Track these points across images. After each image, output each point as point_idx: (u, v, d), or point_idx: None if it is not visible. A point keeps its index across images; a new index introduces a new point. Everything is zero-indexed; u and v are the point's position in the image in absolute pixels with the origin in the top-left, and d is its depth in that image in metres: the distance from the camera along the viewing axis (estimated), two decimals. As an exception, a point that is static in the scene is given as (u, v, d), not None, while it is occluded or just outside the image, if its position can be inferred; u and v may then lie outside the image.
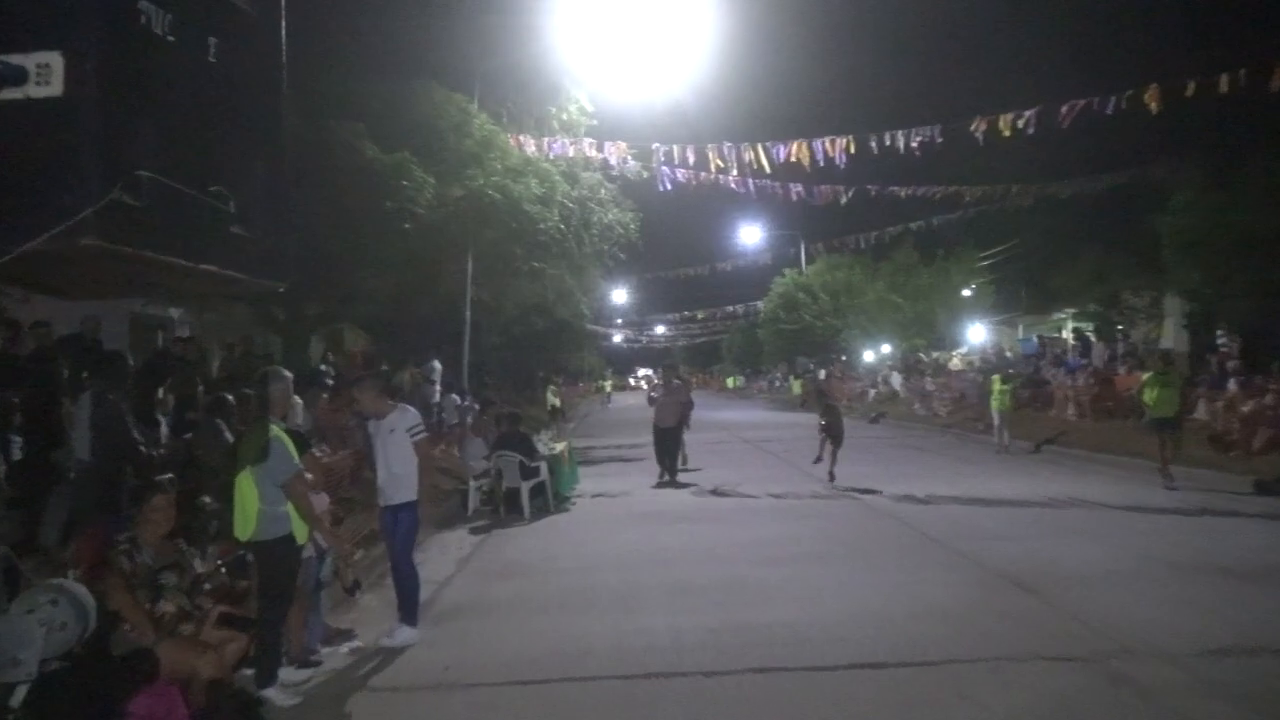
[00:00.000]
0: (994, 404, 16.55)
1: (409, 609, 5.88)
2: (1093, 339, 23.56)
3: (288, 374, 5.25)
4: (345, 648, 5.67)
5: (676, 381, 14.48)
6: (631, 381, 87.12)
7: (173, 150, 3.76)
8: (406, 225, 13.41)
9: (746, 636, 5.59)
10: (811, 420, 12.55)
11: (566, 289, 20.66)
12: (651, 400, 14.01)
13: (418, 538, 6.19)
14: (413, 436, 5.83)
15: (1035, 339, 27.49)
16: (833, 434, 12.44)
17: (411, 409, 6.10)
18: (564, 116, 18.13)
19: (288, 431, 5.03)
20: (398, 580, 5.97)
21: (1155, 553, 7.57)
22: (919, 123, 16.10)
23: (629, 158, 17.50)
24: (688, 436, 14.43)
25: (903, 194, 22.00)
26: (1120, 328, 24.34)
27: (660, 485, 12.63)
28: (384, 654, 5.58)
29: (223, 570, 5.13)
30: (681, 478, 13.29)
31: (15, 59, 3.25)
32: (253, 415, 5.19)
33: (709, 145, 17.08)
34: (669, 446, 13.39)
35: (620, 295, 51.95)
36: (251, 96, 4.38)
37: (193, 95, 3.93)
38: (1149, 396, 11.63)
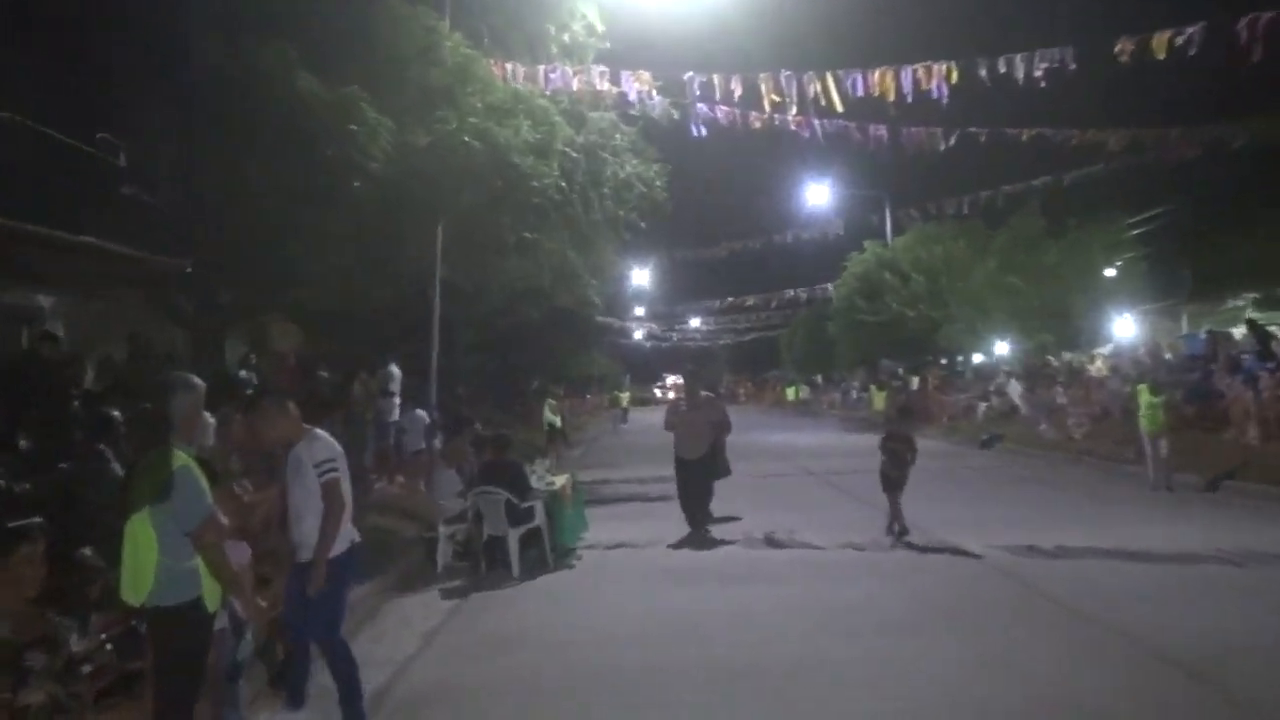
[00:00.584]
0: (1142, 423, 16.35)
1: (351, 701, 5.89)
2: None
3: (198, 382, 5.27)
4: (271, 751, 5.68)
5: (706, 394, 14.00)
6: (657, 393, 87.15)
7: (43, 83, 3.77)
8: (355, 184, 13.47)
9: (812, 740, 5.53)
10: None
11: (569, 268, 20.66)
12: (671, 421, 13.28)
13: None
14: (320, 475, 5.88)
15: (1203, 334, 27.16)
16: (891, 473, 12.05)
17: (323, 437, 6.11)
18: (566, 38, 18.17)
19: (198, 460, 5.05)
20: (299, 660, 6.03)
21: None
22: (1044, 43, 16.00)
23: (654, 92, 17.47)
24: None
25: (1024, 138, 21.81)
26: (1320, 320, 24.02)
27: (682, 544, 12.26)
28: (322, 760, 5.60)
29: (108, 647, 5.13)
30: (726, 527, 13.08)
31: None
32: (150, 438, 5.18)
33: (761, 75, 17.05)
34: (698, 486, 12.88)
35: (642, 277, 52.05)
36: (148, 12, 4.41)
37: (71, 10, 3.96)
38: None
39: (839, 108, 16.90)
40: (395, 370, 17.52)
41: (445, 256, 17.36)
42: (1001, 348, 36.92)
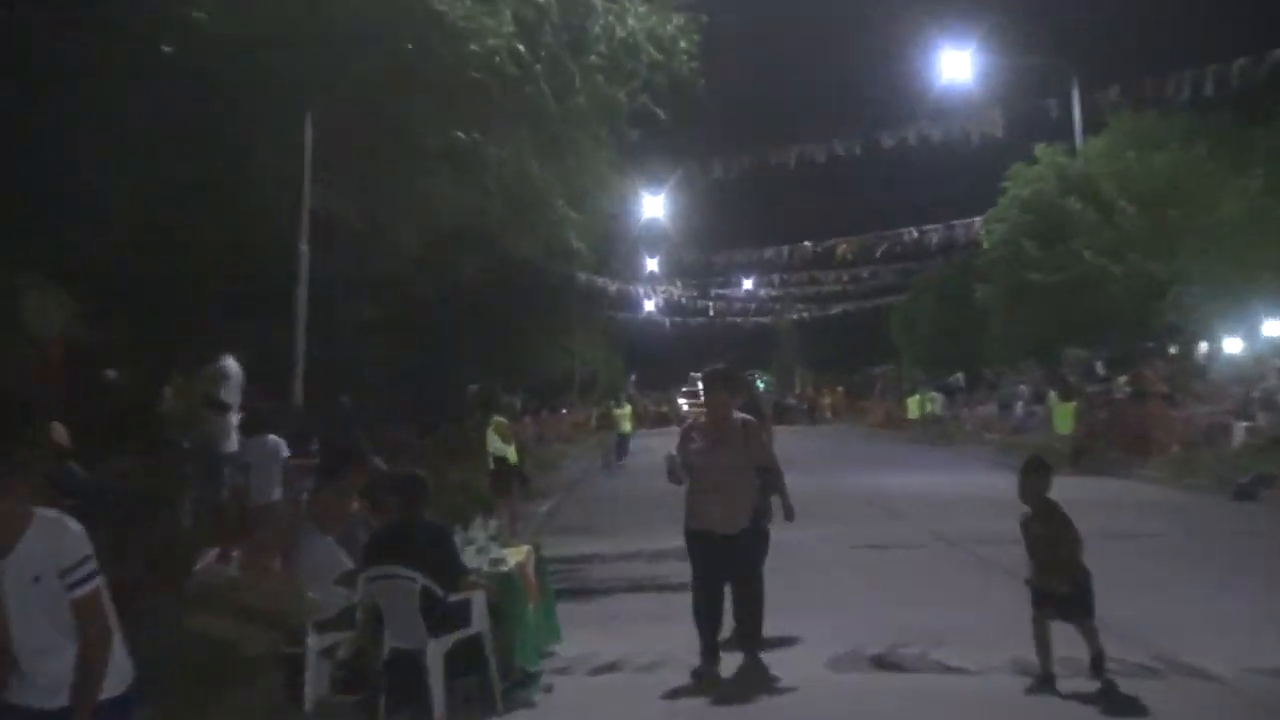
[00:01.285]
0: None
1: None
2: None
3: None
4: None
5: (742, 416, 12.87)
6: (683, 405, 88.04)
7: None
8: (167, 49, 13.63)
9: None
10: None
11: (533, 193, 20.78)
12: (676, 469, 12.44)
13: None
14: (70, 590, 5.94)
15: None
16: (1051, 581, 11.30)
17: (66, 524, 6.12)
18: None
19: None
20: None
21: None
22: None
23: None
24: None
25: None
26: None
27: (701, 687, 11.75)
28: None
29: None
30: (796, 639, 13.04)
31: None
32: None
33: None
34: (734, 581, 12.32)
35: (655, 209, 52.04)
36: None
37: None
38: None
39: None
40: (232, 367, 17.62)
41: (320, 172, 17.58)
42: (1271, 328, 36.83)
